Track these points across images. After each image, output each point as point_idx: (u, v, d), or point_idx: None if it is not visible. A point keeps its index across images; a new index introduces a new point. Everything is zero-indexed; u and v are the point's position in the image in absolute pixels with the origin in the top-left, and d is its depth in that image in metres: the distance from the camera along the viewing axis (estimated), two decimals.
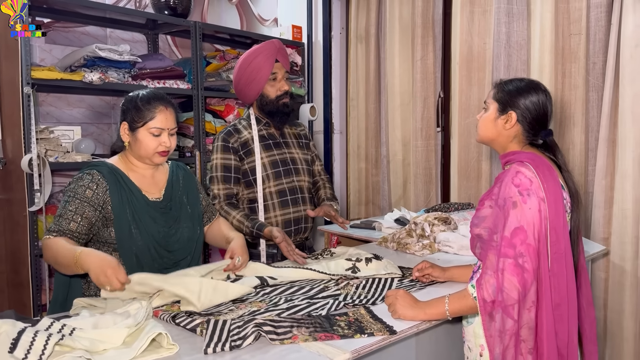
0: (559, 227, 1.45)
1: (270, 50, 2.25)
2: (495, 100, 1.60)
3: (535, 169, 1.48)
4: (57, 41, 3.25)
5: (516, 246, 1.41)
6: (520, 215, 1.42)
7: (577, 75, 2.79)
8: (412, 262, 2.16)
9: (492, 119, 1.60)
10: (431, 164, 3.50)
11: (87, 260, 1.52)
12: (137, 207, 1.78)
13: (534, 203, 1.43)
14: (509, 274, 1.39)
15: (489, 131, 1.62)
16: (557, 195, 1.47)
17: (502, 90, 1.59)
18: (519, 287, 1.38)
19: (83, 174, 1.76)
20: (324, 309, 1.54)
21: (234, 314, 1.50)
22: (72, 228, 1.69)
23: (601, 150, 2.67)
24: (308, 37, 3.94)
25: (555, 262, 1.44)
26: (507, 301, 1.38)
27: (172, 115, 1.82)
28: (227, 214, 2.21)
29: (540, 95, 1.57)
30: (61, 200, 1.75)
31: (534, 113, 1.55)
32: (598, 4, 2.69)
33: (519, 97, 1.56)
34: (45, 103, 3.22)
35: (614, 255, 2.67)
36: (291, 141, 2.41)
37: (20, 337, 1.18)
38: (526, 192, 1.44)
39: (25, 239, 2.60)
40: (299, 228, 2.34)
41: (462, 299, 1.47)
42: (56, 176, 3.08)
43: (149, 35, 3.61)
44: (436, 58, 3.44)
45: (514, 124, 1.56)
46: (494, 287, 1.40)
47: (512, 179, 1.47)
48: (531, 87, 1.58)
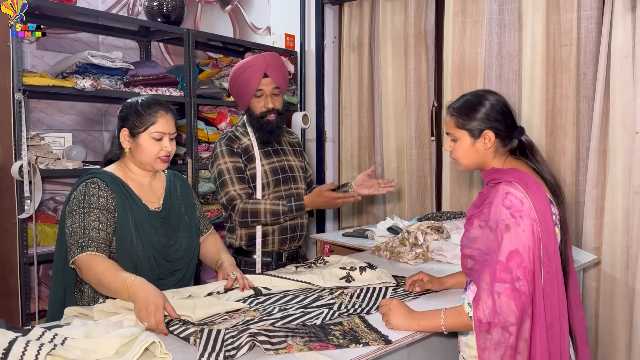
0: (550, 247, 1.45)
1: (258, 65, 2.20)
2: (463, 129, 1.57)
3: (525, 189, 1.47)
4: (48, 47, 3.23)
5: (512, 270, 1.39)
6: (514, 239, 1.41)
7: (568, 86, 2.81)
8: (405, 271, 2.16)
9: (469, 146, 1.58)
10: (426, 172, 3.52)
11: (137, 292, 1.47)
12: (140, 216, 1.76)
13: (527, 225, 1.42)
14: (506, 297, 1.38)
15: (472, 158, 1.60)
16: (547, 214, 1.46)
17: (463, 116, 1.57)
18: (516, 311, 1.38)
19: (86, 184, 1.71)
20: (319, 318, 1.54)
21: (227, 324, 1.49)
22: (102, 237, 1.66)
23: (592, 160, 2.70)
24: (301, 45, 3.95)
25: (547, 282, 1.44)
26: (504, 323, 1.38)
27: (172, 120, 1.82)
28: (257, 203, 2.14)
29: (492, 99, 1.56)
30: (71, 215, 1.67)
31: (502, 119, 1.55)
32: (588, 16, 2.72)
33: (483, 113, 1.55)
34: (36, 109, 3.19)
35: (605, 265, 2.69)
36: (287, 149, 2.40)
37: (11, 347, 1.16)
38: (518, 214, 1.43)
39: (15, 247, 2.57)
40: (294, 236, 2.33)
41: (458, 316, 1.47)
42: (47, 183, 3.06)
43: (141, 42, 3.60)
44: (429, 68, 3.46)
45: (493, 140, 1.56)
46: (490, 309, 1.39)
47: (503, 201, 1.45)
48: (483, 97, 1.57)
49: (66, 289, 1.77)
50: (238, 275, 1.80)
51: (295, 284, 1.86)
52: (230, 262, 1.93)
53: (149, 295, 1.46)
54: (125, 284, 1.51)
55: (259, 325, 1.45)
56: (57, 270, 1.78)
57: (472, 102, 1.57)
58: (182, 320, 1.48)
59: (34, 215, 2.56)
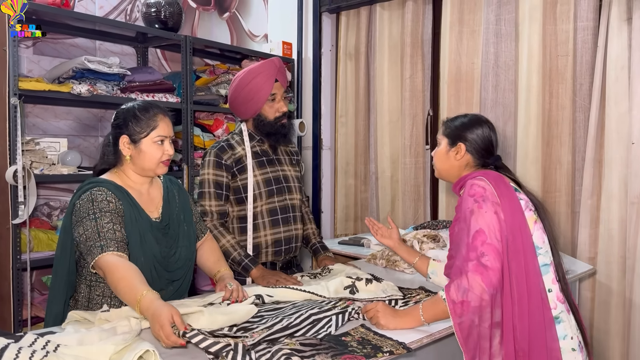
0: (515, 227, 1.56)
1: (270, 70, 2.19)
2: (445, 136, 1.80)
3: (487, 178, 1.62)
4: (45, 52, 3.22)
5: (477, 247, 1.52)
6: (479, 219, 1.55)
7: (564, 96, 2.83)
8: (401, 280, 2.15)
9: (445, 152, 1.80)
10: (419, 181, 3.51)
11: (148, 310, 1.43)
12: (143, 227, 1.74)
13: (489, 207, 1.56)
14: (472, 273, 1.49)
15: (443, 164, 1.81)
16: (511, 198, 1.60)
17: (449, 126, 1.80)
18: (483, 285, 1.47)
19: (92, 192, 1.67)
20: (331, 325, 1.54)
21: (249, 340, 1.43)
22: (118, 237, 1.62)
23: (587, 170, 2.70)
24: (298, 53, 3.96)
25: (513, 260, 1.54)
26: (474, 301, 1.47)
27: (171, 123, 1.81)
28: (222, 235, 2.14)
29: (484, 127, 1.76)
30: (82, 224, 1.63)
31: (480, 143, 1.75)
32: (585, 27, 2.74)
33: (465, 130, 1.76)
34: (32, 114, 3.18)
35: (600, 275, 2.69)
36: (283, 158, 2.36)
37: (3, 353, 1.15)
38: (481, 199, 1.57)
39: (8, 252, 2.54)
40: (289, 247, 2.29)
41: (435, 304, 1.57)
42: (41, 189, 3.04)
43: (138, 48, 3.59)
44: (425, 77, 3.47)
45: (463, 154, 1.76)
46: (459, 287, 1.49)
47: (468, 192, 1.61)
48: (474, 121, 1.78)
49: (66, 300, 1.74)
50: (234, 287, 1.79)
51: (298, 294, 1.84)
52: (229, 274, 1.92)
53: (155, 313, 1.40)
54: (137, 298, 1.46)
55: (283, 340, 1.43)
56: (60, 282, 1.74)
57: (464, 120, 1.79)
58: (204, 333, 1.40)
59: (28, 220, 2.54)
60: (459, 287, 1.49)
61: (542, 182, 2.87)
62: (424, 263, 2.03)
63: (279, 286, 1.92)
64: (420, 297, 1.85)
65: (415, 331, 1.57)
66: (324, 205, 3.99)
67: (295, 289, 1.86)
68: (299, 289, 1.86)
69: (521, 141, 2.94)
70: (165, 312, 1.39)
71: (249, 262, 2.10)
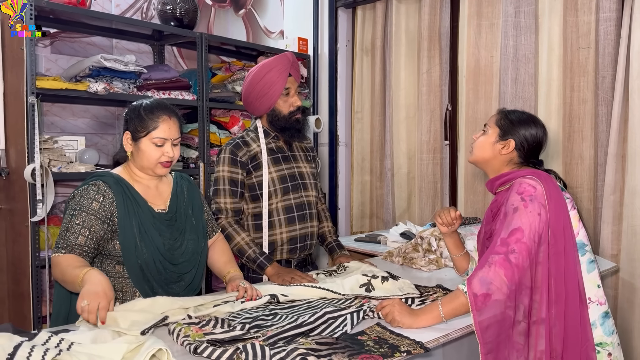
0: (559, 229, 1.54)
1: (284, 64, 2.17)
2: (497, 126, 1.73)
3: (539, 178, 1.59)
4: (62, 51, 3.25)
5: (510, 244, 1.50)
6: (521, 217, 1.52)
7: (585, 89, 2.76)
8: (418, 278, 2.12)
9: (492, 142, 1.73)
10: (437, 177, 3.46)
11: (91, 278, 1.50)
12: (143, 219, 1.74)
13: (535, 207, 1.53)
14: (497, 266, 1.48)
15: (485, 152, 1.75)
16: (559, 199, 1.57)
17: (505, 118, 1.74)
18: (506, 280, 1.46)
19: (88, 186, 1.71)
20: (346, 324, 1.52)
21: (261, 338, 1.42)
22: (80, 242, 1.65)
23: (610, 165, 2.63)
24: (314, 49, 3.93)
25: (553, 262, 1.52)
26: (495, 294, 1.45)
27: (176, 125, 1.79)
28: (236, 233, 2.12)
29: (539, 129, 1.71)
30: (65, 214, 1.70)
31: (531, 144, 1.70)
32: (607, 18, 2.67)
33: (520, 127, 1.70)
34: (50, 113, 3.21)
35: (623, 273, 2.62)
36: (299, 154, 2.34)
37: (16, 351, 1.15)
38: (529, 198, 1.55)
39: (27, 250, 2.57)
40: (304, 245, 2.27)
41: (455, 299, 1.54)
42: (59, 186, 3.07)
43: (154, 46, 3.60)
44: (442, 71, 3.42)
45: (510, 150, 1.70)
46: (482, 280, 1.47)
47: (517, 189, 1.58)
48: (531, 120, 1.73)
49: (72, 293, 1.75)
50: (247, 286, 1.78)
51: (313, 291, 1.82)
52: (240, 275, 1.91)
53: (102, 282, 1.48)
54: (78, 280, 1.52)
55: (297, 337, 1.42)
56: None
57: (522, 117, 1.73)
58: (210, 342, 1.38)
59: (46, 218, 2.56)
60: (482, 280, 1.47)
61: (564, 178, 2.77)
62: (465, 259, 1.94)
63: (294, 284, 1.91)
64: (437, 295, 1.82)
65: (432, 330, 1.54)
66: (341, 202, 3.96)
67: (311, 287, 1.84)
68: (314, 286, 1.84)
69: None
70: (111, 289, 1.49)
71: (264, 260, 2.09)
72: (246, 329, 1.48)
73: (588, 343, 1.54)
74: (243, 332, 1.45)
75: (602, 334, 1.59)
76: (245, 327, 1.49)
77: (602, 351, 1.58)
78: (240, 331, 1.45)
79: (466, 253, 1.95)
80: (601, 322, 1.59)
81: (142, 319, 1.50)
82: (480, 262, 1.54)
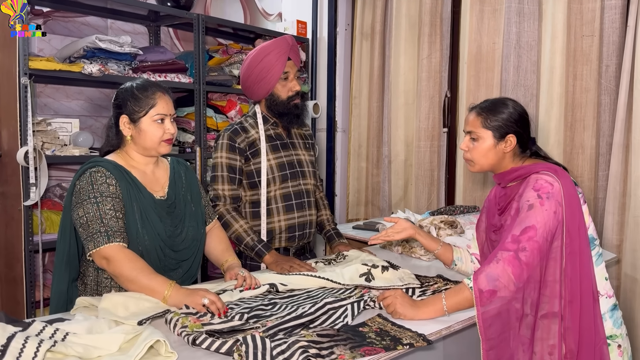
0: (573, 229, 1.50)
1: (282, 47, 2.12)
2: (487, 128, 1.63)
3: (556, 174, 1.54)
4: (56, 31, 3.17)
5: (521, 242, 1.47)
6: (536, 215, 1.48)
7: (588, 78, 2.72)
8: (418, 267, 2.10)
9: (491, 146, 1.64)
10: (434, 165, 3.43)
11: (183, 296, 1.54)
12: (145, 205, 1.70)
13: (551, 205, 1.49)
14: (505, 263, 1.44)
15: (490, 159, 1.66)
16: (573, 199, 1.52)
17: (491, 117, 1.63)
18: (512, 276, 1.43)
19: (91, 173, 1.65)
20: (347, 315, 1.49)
21: (261, 330, 1.39)
22: (121, 225, 1.62)
23: (615, 155, 2.60)
24: (313, 33, 3.86)
25: (569, 262, 1.49)
26: (501, 291, 1.42)
27: (171, 101, 1.76)
28: (235, 220, 2.09)
29: (517, 107, 1.64)
30: (82, 207, 1.60)
31: (523, 126, 1.64)
32: (613, 6, 2.62)
33: (507, 117, 1.62)
34: (43, 94, 3.14)
35: (625, 264, 2.60)
36: (297, 142, 2.30)
37: (9, 343, 1.11)
38: (545, 195, 1.50)
39: (20, 234, 2.53)
40: (303, 234, 2.24)
41: (459, 292, 1.51)
42: (53, 170, 3.02)
43: (150, 27, 3.53)
44: (443, 57, 3.37)
45: (514, 145, 1.63)
46: (488, 276, 1.44)
47: (533, 185, 1.53)
48: (507, 103, 1.64)
49: (70, 281, 1.72)
50: (246, 275, 1.75)
51: (312, 281, 1.79)
52: (238, 263, 1.89)
53: (192, 289, 1.56)
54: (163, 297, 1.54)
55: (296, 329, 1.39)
56: (60, 262, 1.72)
57: (499, 104, 1.64)
58: (208, 332, 1.37)
59: (40, 202, 2.52)
60: (489, 276, 1.45)
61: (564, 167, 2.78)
62: (447, 250, 1.88)
63: (293, 273, 1.88)
64: (438, 285, 1.80)
65: (433, 321, 1.52)
66: (337, 189, 3.93)
67: (310, 276, 1.82)
68: (314, 276, 1.82)
69: (543, 124, 2.85)
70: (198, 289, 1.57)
71: (262, 248, 2.06)
72: (245, 319, 1.45)
73: (601, 340, 1.52)
74: (242, 322, 1.42)
75: (611, 326, 1.58)
76: (244, 317, 1.46)
77: (612, 344, 1.57)
78: (238, 321, 1.42)
79: (445, 245, 1.88)
80: (610, 315, 1.58)
81: (140, 310, 1.47)
82: (488, 258, 1.51)
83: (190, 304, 1.50)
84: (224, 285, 1.75)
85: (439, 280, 1.87)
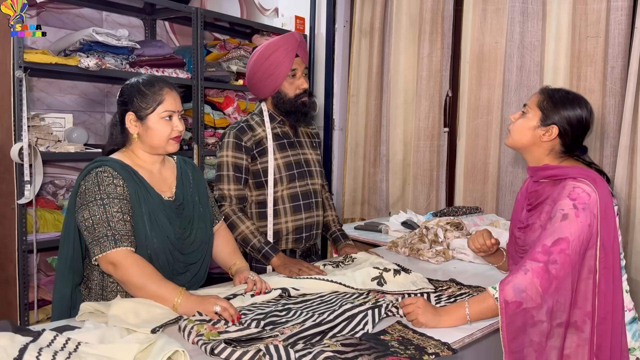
0: (608, 243, 1.44)
1: (290, 43, 2.07)
2: (539, 109, 1.57)
3: (593, 184, 1.47)
4: (50, 23, 3.07)
5: (552, 253, 1.41)
6: (571, 226, 1.42)
7: (593, 79, 2.71)
8: (426, 270, 2.06)
9: (532, 127, 1.58)
10: (433, 165, 3.40)
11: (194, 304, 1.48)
12: (154, 206, 1.63)
13: (586, 217, 1.42)
14: (534, 275, 1.39)
15: (524, 138, 1.60)
16: (610, 213, 1.46)
17: (549, 100, 1.56)
18: (540, 290, 1.38)
19: (97, 173, 1.57)
20: (367, 322, 1.45)
21: (280, 338, 1.34)
22: (129, 229, 1.55)
23: (621, 157, 2.59)
24: (311, 29, 3.80)
25: (602, 277, 1.44)
26: (527, 303, 1.37)
27: (179, 97, 1.70)
28: (241, 221, 2.03)
29: (584, 111, 1.56)
30: (87, 209, 1.53)
31: (576, 130, 1.55)
32: (619, 7, 2.60)
33: (565, 111, 1.55)
34: (36, 88, 3.04)
35: (631, 267, 2.60)
36: (304, 141, 2.25)
37: (22, 356, 1.05)
38: (581, 206, 1.44)
39: (13, 233, 2.44)
40: (310, 235, 2.19)
41: (483, 301, 1.47)
42: (46, 166, 2.92)
43: (146, 20, 3.44)
44: (444, 56, 3.33)
45: (553, 137, 1.56)
46: (515, 287, 1.39)
47: (569, 193, 1.46)
48: (576, 101, 1.56)
49: (73, 286, 1.65)
50: (256, 278, 1.70)
51: (325, 285, 1.75)
52: (246, 266, 1.83)
53: (203, 296, 1.51)
54: (173, 305, 1.48)
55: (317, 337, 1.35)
56: (63, 267, 1.64)
57: (568, 97, 1.56)
58: (227, 342, 1.31)
59: (34, 200, 2.43)
60: (516, 287, 1.40)
61: None
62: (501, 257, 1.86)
63: (303, 276, 1.83)
64: (452, 290, 1.76)
65: (455, 329, 1.48)
66: (334, 188, 3.89)
67: (322, 280, 1.77)
68: (326, 280, 1.77)
69: None
70: (209, 296, 1.51)
71: (270, 250, 2.00)
72: (261, 326, 1.40)
73: (625, 356, 1.50)
74: (258, 329, 1.37)
75: (630, 339, 1.54)
76: (260, 325, 1.41)
77: (631, 357, 1.54)
78: (255, 329, 1.37)
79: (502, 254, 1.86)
80: (629, 328, 1.55)
81: (152, 317, 1.41)
82: (516, 267, 1.46)
83: (202, 311, 1.45)
84: (234, 289, 1.69)
85: (452, 284, 1.83)
